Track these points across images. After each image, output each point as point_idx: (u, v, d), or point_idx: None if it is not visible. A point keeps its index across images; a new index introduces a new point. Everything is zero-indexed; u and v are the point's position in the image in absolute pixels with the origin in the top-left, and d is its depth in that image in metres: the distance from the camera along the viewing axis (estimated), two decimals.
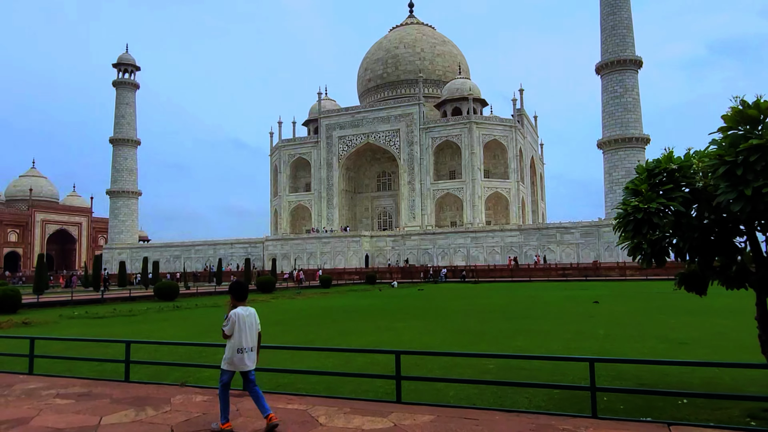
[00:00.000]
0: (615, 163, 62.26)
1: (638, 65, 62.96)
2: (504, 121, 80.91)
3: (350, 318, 20.55)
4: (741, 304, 22.06)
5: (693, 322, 16.44)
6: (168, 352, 12.78)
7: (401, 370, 6.63)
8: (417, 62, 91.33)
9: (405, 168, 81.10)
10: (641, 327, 15.06)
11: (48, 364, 10.28)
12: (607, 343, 11.96)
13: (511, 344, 12.29)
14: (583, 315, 18.94)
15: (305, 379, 8.81)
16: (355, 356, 10.92)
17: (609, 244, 60.85)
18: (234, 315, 5.89)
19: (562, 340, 12.73)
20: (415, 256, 69.71)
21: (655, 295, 28.99)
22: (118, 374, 9.83)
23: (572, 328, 15.11)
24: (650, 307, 22.18)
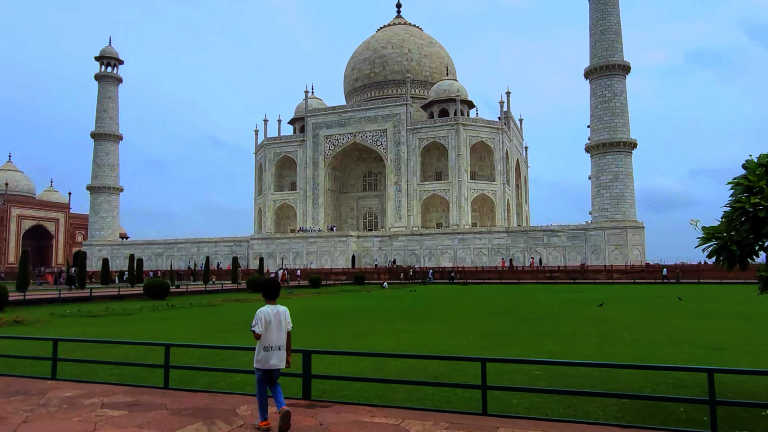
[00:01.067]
0: (603, 167, 62.86)
1: (626, 70, 63.70)
2: (491, 123, 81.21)
3: (358, 319, 20.15)
4: (746, 309, 22.30)
5: (710, 325, 16.43)
6: (183, 354, 12.27)
7: (460, 376, 6.27)
8: (404, 63, 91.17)
9: (392, 168, 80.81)
10: (664, 331, 14.98)
11: (65, 367, 9.72)
12: (642, 348, 11.80)
13: (543, 348, 12.06)
14: (595, 318, 18.85)
15: (348, 386, 8.38)
16: (387, 361, 10.55)
17: (596, 247, 61.46)
18: (261, 313, 5.87)
19: (591, 345, 12.53)
20: (402, 256, 69.49)
21: (655, 299, 29.19)
22: (142, 378, 9.36)
23: (594, 332, 14.97)
24: (658, 310, 22.24)
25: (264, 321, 5.87)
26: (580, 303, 26.70)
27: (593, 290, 38.96)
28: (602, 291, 38.04)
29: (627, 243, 59.92)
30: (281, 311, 6.02)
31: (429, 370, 9.66)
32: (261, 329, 5.84)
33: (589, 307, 23.60)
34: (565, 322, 17.47)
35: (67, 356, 11.13)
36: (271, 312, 5.93)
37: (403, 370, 9.77)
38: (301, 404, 6.55)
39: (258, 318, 5.87)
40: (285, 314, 6.03)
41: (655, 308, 23.07)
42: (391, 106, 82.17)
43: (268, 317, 5.89)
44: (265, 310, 5.93)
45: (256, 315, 5.88)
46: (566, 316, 19.83)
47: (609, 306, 23.83)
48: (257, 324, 5.85)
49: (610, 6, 64.08)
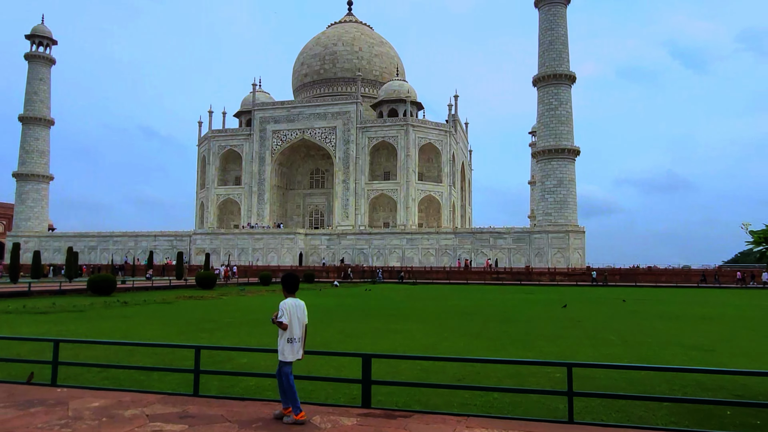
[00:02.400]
0: (548, 172, 64.99)
1: (572, 80, 66.17)
2: (439, 126, 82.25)
3: (334, 319, 19.77)
4: (704, 311, 23.58)
5: (682, 327, 17.20)
6: (176, 356, 11.56)
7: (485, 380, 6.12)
8: (355, 61, 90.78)
9: (340, 166, 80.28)
10: (644, 333, 15.55)
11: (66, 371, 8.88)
12: (638, 350, 12.17)
13: (541, 350, 12.21)
14: (568, 319, 19.35)
15: (402, 392, 8.04)
16: (399, 363, 10.34)
17: (539, 249, 63.47)
18: (286, 305, 6.05)
19: (585, 346, 12.83)
20: (351, 255, 69.17)
21: (606, 300, 30.36)
22: (143, 383, 8.70)
23: (577, 333, 15.34)
24: (619, 312, 23.11)
25: (289, 313, 6.04)
26: (540, 304, 27.43)
27: (543, 291, 40.17)
28: (552, 292, 39.29)
29: (569, 246, 62.27)
30: (300, 305, 6.21)
31: (449, 371, 9.53)
32: (288, 320, 6.00)
33: (551, 308, 24.26)
34: (540, 324, 17.81)
35: (38, 358, 10.25)
36: (294, 304, 6.13)
37: (419, 372, 9.60)
38: (374, 414, 6.15)
39: (283, 310, 6.03)
40: (303, 308, 6.23)
41: (614, 310, 23.99)
42: (341, 103, 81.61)
43: (292, 310, 6.08)
44: (289, 303, 6.11)
45: (281, 307, 6.04)
46: (537, 317, 20.26)
47: (570, 307, 24.58)
48: (284, 315, 6.00)
49: (558, 18, 66.35)
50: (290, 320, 6.03)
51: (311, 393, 7.89)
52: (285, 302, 6.13)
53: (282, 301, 6.19)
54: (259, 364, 10.45)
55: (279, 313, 6.05)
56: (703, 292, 42.42)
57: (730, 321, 19.53)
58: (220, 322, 18.43)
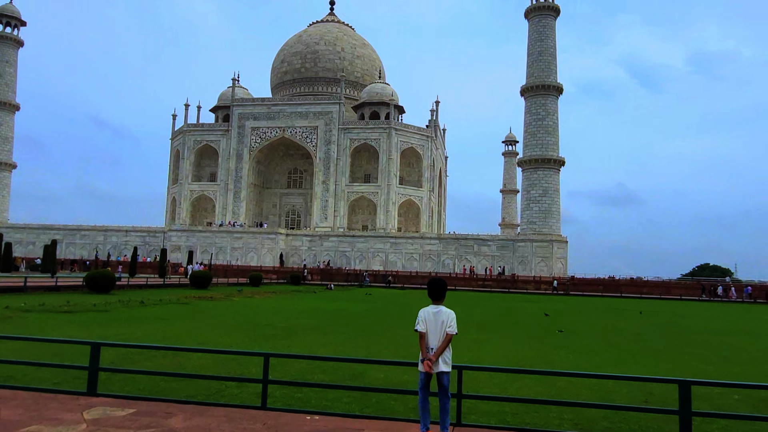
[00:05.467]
0: (534, 181, 65.76)
1: (560, 92, 67.27)
2: (421, 131, 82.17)
3: (378, 325, 19.03)
4: (722, 325, 23.91)
5: (746, 342, 17.23)
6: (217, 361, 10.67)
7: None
8: (337, 61, 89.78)
9: (320, 167, 79.03)
10: (728, 349, 15.44)
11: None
12: (724, 367, 11.98)
13: (656, 366, 11.85)
14: (631, 333, 19.15)
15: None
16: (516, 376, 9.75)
17: (523, 258, 64.08)
18: (423, 313, 5.72)
19: (693, 362, 12.55)
20: (332, 257, 68.04)
21: (626, 312, 30.61)
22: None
23: (652, 347, 15.10)
24: (667, 326, 23.17)
25: (425, 321, 5.66)
26: (571, 314, 27.34)
27: (546, 301, 40.30)
28: (557, 302, 39.45)
29: (552, 255, 63.10)
30: (443, 312, 5.68)
31: (571, 391, 9.02)
32: (424, 328, 5.62)
33: (590, 319, 24.17)
34: (615, 337, 17.55)
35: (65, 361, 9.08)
36: (433, 311, 5.69)
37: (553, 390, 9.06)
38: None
39: (420, 318, 5.70)
40: (448, 316, 5.66)
41: (653, 323, 24.09)
42: (323, 103, 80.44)
43: (429, 317, 5.67)
44: (427, 310, 5.73)
45: (419, 315, 5.73)
46: (600, 329, 20.04)
47: (610, 319, 24.56)
48: (419, 323, 5.67)
49: (548, 29, 67.37)
50: (426, 329, 5.61)
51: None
52: (423, 310, 5.76)
53: (421, 309, 5.78)
54: (400, 379, 9.61)
55: (416, 321, 5.71)
56: (697, 305, 43.57)
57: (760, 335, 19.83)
58: (275, 327, 17.37)
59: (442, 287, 5.84)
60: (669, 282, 61.73)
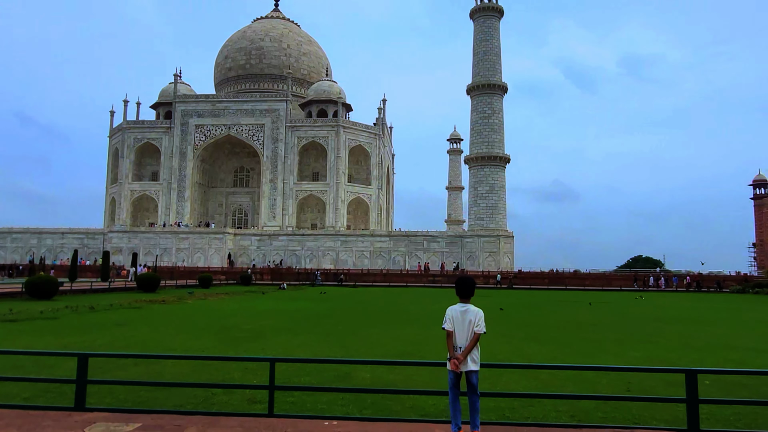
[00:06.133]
0: (480, 178, 67.21)
1: (504, 90, 69.02)
2: (369, 128, 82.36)
3: (343, 323, 19.04)
4: (680, 314, 25.28)
5: (696, 330, 18.31)
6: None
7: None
8: (283, 58, 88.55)
9: (268, 165, 77.83)
10: (685, 336, 16.37)
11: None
12: (685, 354, 12.78)
13: (625, 355, 12.45)
14: (590, 324, 19.95)
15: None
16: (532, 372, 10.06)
17: (471, 253, 65.42)
18: (450, 311, 5.72)
19: (657, 350, 13.25)
20: (282, 256, 67.20)
21: (577, 304, 31.81)
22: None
23: (614, 337, 15.83)
24: (623, 315, 24.23)
25: (453, 319, 5.65)
26: (530, 307, 28.15)
27: (500, 295, 41.29)
28: (510, 296, 40.49)
29: (500, 250, 64.75)
30: (471, 311, 5.67)
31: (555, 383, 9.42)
32: (451, 327, 5.63)
33: (549, 312, 25.00)
34: (578, 330, 18.23)
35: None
36: (460, 309, 5.68)
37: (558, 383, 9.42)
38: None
39: (447, 316, 5.70)
40: (476, 315, 5.65)
41: (607, 313, 25.15)
42: (270, 100, 79.24)
43: (456, 315, 5.66)
44: (454, 308, 5.72)
45: (447, 313, 5.72)
46: (562, 322, 20.75)
47: (558, 311, 25.49)
48: (447, 322, 5.68)
49: (492, 30, 68.94)
50: (453, 327, 5.63)
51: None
52: (451, 308, 5.76)
53: (449, 308, 5.79)
54: (387, 378, 9.67)
55: (443, 320, 5.73)
56: (636, 295, 45.82)
57: (731, 324, 21.09)
58: (242, 329, 17.03)
59: (470, 285, 5.81)
60: (609, 274, 64.68)
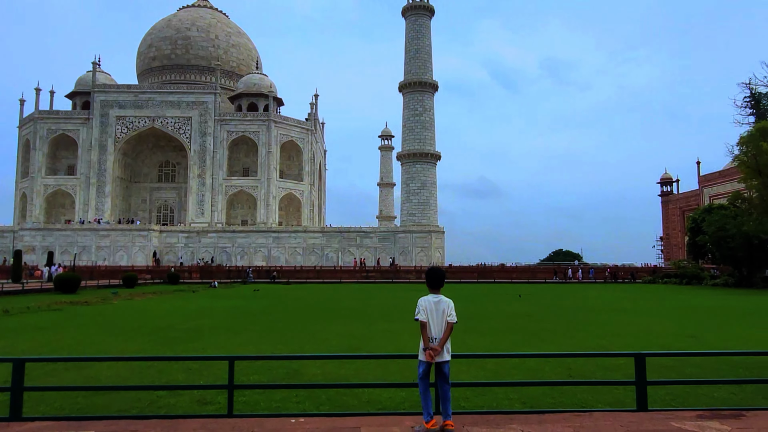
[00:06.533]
0: (413, 174, 68.13)
1: (435, 89, 70.21)
2: (301, 124, 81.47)
3: (274, 320, 18.85)
4: (602, 303, 26.76)
5: (629, 319, 19.49)
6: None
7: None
8: (211, 49, 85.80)
9: (195, 160, 75.28)
10: (616, 325, 17.37)
11: None
12: (617, 340, 13.67)
13: (564, 342, 13.10)
14: (524, 315, 20.75)
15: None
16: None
17: (404, 248, 66.26)
18: (423, 302, 5.65)
19: (589, 337, 14.04)
20: (212, 254, 65.31)
21: (508, 296, 32.98)
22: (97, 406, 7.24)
23: (547, 327, 16.62)
24: (557, 306, 25.32)
25: (426, 310, 5.59)
26: (465, 300, 28.85)
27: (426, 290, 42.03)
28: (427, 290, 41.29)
29: (431, 246, 65.98)
30: (444, 301, 5.70)
31: (485, 369, 9.87)
32: (425, 318, 5.56)
33: (487, 304, 25.76)
34: (516, 319, 18.92)
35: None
36: (434, 301, 5.66)
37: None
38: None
39: (420, 307, 5.63)
40: (448, 305, 5.69)
41: (538, 304, 26.25)
42: (198, 92, 76.65)
43: (430, 306, 5.62)
44: (427, 299, 5.68)
45: (418, 304, 5.66)
46: (497, 313, 21.43)
47: (496, 303, 26.36)
48: (420, 312, 5.60)
49: (424, 28, 69.94)
50: (427, 318, 5.58)
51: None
52: (423, 299, 5.72)
53: (421, 298, 5.75)
54: (338, 373, 9.69)
55: (416, 311, 5.66)
56: (560, 287, 48.07)
57: (648, 312, 22.58)
58: (178, 329, 16.45)
59: (441, 276, 5.81)
60: (533, 267, 67.50)
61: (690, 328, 16.02)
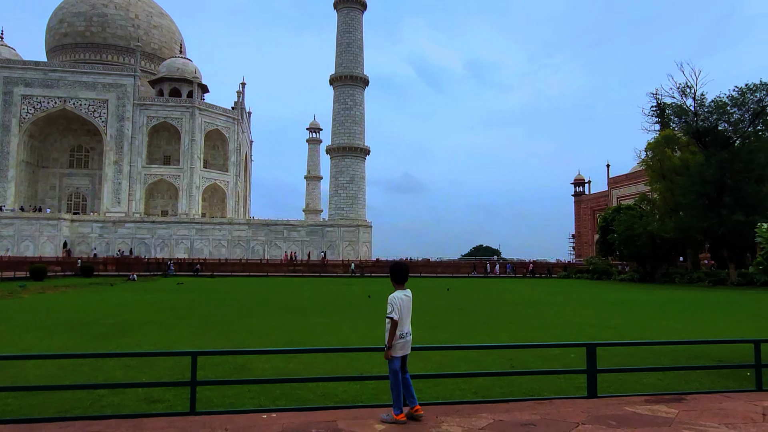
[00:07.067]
0: (342, 168, 67.96)
1: (366, 83, 70.31)
2: (227, 112, 79.11)
3: (205, 315, 18.42)
4: (524, 297, 28.04)
5: (548, 311, 20.53)
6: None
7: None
8: (130, 29, 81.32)
9: (112, 145, 71.20)
10: (541, 317, 18.26)
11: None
12: (547, 331, 14.51)
13: (497, 336, 13.70)
14: (456, 307, 21.36)
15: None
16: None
17: (332, 242, 66.11)
18: (397, 299, 5.60)
19: (521, 329, 14.76)
20: (130, 246, 62.14)
21: (434, 289, 33.79)
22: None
23: (479, 320, 17.31)
24: (484, 299, 26.16)
25: (400, 308, 5.57)
26: (384, 294, 29.24)
27: (361, 284, 42.34)
28: (363, 284, 41.71)
29: (359, 240, 66.24)
30: (410, 295, 5.77)
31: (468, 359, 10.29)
32: (398, 315, 5.53)
33: (416, 296, 26.24)
34: (427, 312, 19.44)
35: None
36: (405, 297, 5.67)
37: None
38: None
39: (394, 304, 5.55)
40: (411, 301, 5.79)
41: (465, 298, 27.08)
42: (115, 74, 72.38)
43: (403, 303, 5.61)
44: (399, 296, 5.61)
45: (391, 301, 5.57)
46: (421, 304, 21.88)
47: (424, 297, 26.95)
48: (394, 310, 5.53)
49: (355, 22, 69.83)
50: (400, 315, 5.54)
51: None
52: (394, 296, 5.61)
53: (391, 294, 5.68)
54: (286, 368, 9.65)
55: (389, 309, 5.56)
56: (483, 281, 49.81)
57: (568, 305, 23.90)
58: (103, 324, 15.65)
59: (407, 271, 5.86)
60: (456, 261, 69.48)
61: (609, 320, 17.20)
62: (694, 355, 10.69)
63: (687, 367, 8.43)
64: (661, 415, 5.38)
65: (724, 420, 5.24)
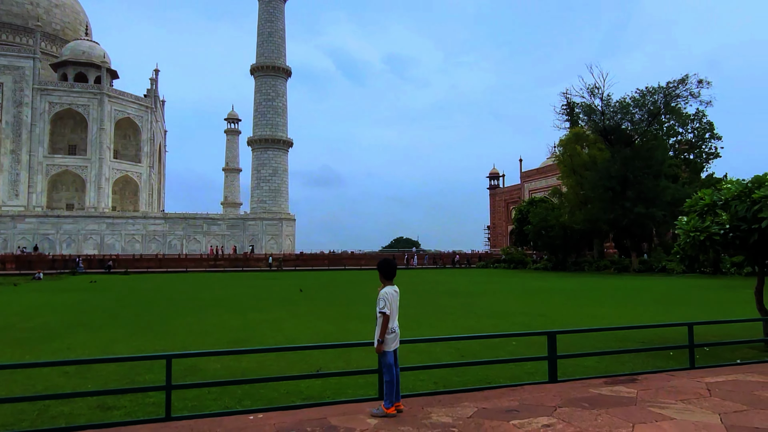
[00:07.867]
0: (264, 161, 66.54)
1: (288, 74, 69.14)
2: (140, 100, 75.13)
3: (135, 315, 17.68)
4: (455, 287, 28.88)
5: (481, 301, 21.36)
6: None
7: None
8: (28, 6, 75.12)
9: (9, 133, 65.62)
10: (473, 306, 18.95)
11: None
12: (483, 321, 15.21)
13: (459, 324, 14.17)
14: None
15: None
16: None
17: (254, 236, 64.75)
18: (388, 295, 5.62)
19: (458, 319, 15.33)
20: (31, 242, 57.62)
21: (362, 283, 34.07)
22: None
23: (415, 312, 17.79)
24: (409, 291, 26.61)
25: (391, 303, 5.61)
26: (325, 288, 29.18)
27: (287, 278, 41.83)
28: (288, 278, 41.25)
29: (282, 233, 65.31)
30: (398, 291, 5.80)
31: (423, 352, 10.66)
32: (390, 310, 5.56)
33: (346, 290, 26.33)
34: (363, 304, 19.70)
35: None
36: (394, 292, 5.70)
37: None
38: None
39: (386, 300, 5.56)
40: (399, 294, 5.83)
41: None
42: (12, 56, 66.61)
43: (393, 298, 5.65)
44: (389, 291, 5.62)
45: (383, 297, 5.58)
46: (354, 296, 22.07)
47: (353, 290, 27.15)
48: (386, 305, 5.55)
49: (277, 11, 68.41)
50: (391, 310, 5.58)
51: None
52: (385, 290, 5.60)
53: (382, 289, 5.66)
54: (239, 367, 9.50)
55: (381, 304, 5.55)
56: (404, 272, 50.73)
57: (495, 294, 24.94)
58: (21, 328, 14.55)
59: (395, 267, 5.84)
60: (378, 254, 70.28)
61: (535, 308, 18.20)
62: (621, 338, 11.67)
63: (636, 350, 9.20)
64: (625, 395, 5.90)
65: (679, 397, 5.83)
